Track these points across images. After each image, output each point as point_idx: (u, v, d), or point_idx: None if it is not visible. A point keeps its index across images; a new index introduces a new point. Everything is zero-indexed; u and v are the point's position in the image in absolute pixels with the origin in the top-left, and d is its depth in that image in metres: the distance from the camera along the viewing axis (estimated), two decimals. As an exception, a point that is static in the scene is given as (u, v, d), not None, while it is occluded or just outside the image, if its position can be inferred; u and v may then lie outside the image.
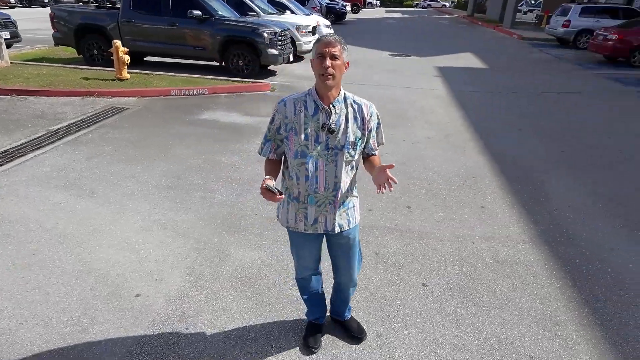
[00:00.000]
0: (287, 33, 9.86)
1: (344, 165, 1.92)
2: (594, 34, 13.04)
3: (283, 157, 2.05)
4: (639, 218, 3.97)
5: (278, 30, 9.15)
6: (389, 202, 4.12)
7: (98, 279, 2.91)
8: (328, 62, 1.75)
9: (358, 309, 2.72)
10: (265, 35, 8.81)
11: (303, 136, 1.88)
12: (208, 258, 3.19)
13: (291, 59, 10.09)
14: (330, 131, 1.86)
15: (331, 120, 1.86)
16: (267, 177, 1.90)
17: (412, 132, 6.16)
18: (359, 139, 1.92)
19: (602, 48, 12.29)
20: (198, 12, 8.78)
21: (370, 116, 1.95)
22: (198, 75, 8.83)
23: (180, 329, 2.53)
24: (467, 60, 12.74)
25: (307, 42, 11.64)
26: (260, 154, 2.06)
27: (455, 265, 3.19)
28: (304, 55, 12.12)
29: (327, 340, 2.50)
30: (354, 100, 1.93)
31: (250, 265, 3.13)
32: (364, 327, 2.54)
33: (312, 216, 2.00)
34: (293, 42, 10.87)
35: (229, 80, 8.59)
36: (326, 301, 2.57)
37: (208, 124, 6.17)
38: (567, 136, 6.22)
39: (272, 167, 2.02)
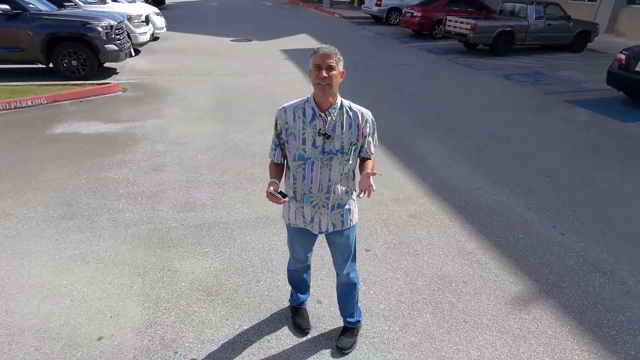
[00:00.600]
0: (123, 25, 9.00)
1: (338, 169, 2.08)
2: (403, 11, 15.31)
3: (285, 160, 2.20)
4: (489, 163, 5.19)
5: (114, 22, 8.29)
6: (304, 185, 4.45)
7: (38, 335, 2.54)
8: (324, 72, 1.91)
9: (325, 286, 3.04)
10: (100, 29, 7.91)
11: (301, 141, 2.06)
12: (157, 279, 3.05)
13: (133, 54, 9.27)
14: (327, 136, 2.02)
15: (327, 126, 2.03)
16: (272, 180, 2.05)
17: (291, 117, 6.53)
18: (353, 145, 2.06)
19: (411, 24, 14.57)
20: (5, 7, 7.33)
21: (365, 123, 2.08)
22: (23, 83, 7.47)
23: (168, 356, 2.46)
24: (306, 41, 13.59)
25: (143, 34, 10.78)
26: (272, 159, 2.19)
27: (383, 228, 3.75)
28: (141, 49, 11.20)
29: (312, 319, 2.76)
30: (349, 108, 2.07)
31: (206, 275, 3.12)
32: (354, 346, 2.54)
33: (309, 215, 2.19)
34: (127, 34, 9.93)
35: (67, 84, 7.50)
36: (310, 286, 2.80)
37: (69, 139, 5.42)
38: (415, 103, 7.44)
39: (277, 170, 2.17)
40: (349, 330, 2.59)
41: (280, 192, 1.96)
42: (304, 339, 2.62)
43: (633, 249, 3.59)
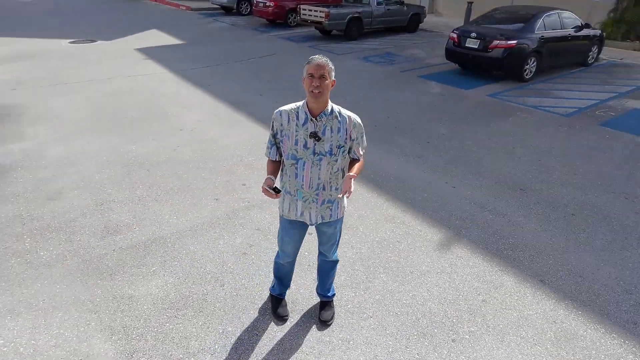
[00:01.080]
0: None
1: (327, 168, 2.30)
2: (254, 1, 15.51)
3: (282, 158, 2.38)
4: (379, 138, 5.91)
5: None
6: (228, 188, 4.52)
7: (1, 404, 2.26)
8: (317, 81, 2.11)
9: (286, 272, 3.27)
10: None
11: (294, 142, 2.26)
12: (114, 310, 2.90)
13: (-47, 68, 7.67)
14: (317, 139, 2.24)
15: (317, 130, 2.24)
16: (269, 177, 2.26)
17: (181, 120, 6.34)
18: (341, 147, 2.28)
19: (265, 13, 14.89)
20: None
21: (354, 127, 2.30)
22: None
23: (164, 376, 2.45)
24: (160, 37, 12.84)
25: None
26: (268, 157, 2.37)
27: (316, 211, 4.10)
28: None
29: (289, 305, 2.99)
30: (339, 113, 2.28)
31: (165, 292, 3.07)
32: (334, 316, 2.88)
33: (300, 209, 2.42)
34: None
35: None
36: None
37: None
38: (297, 91, 7.85)
39: (274, 167, 2.37)
40: (327, 303, 2.91)
41: (274, 188, 2.15)
42: (289, 323, 2.85)
43: (504, 189, 4.63)
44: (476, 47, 8.43)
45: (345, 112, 2.32)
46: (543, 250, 3.66)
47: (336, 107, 2.31)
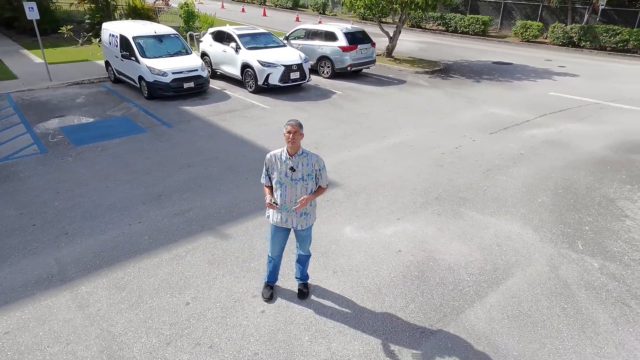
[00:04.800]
0: None
1: (302, 190, 3.70)
2: None
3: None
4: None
5: None
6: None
7: None
8: (291, 136, 3.52)
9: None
10: None
11: (278, 172, 3.70)
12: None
13: None
14: (293, 170, 3.66)
15: (293, 164, 3.65)
16: (269, 196, 3.74)
17: None
18: (310, 175, 3.66)
19: None
20: None
21: (316, 161, 3.66)
22: None
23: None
24: None
25: None
26: (264, 183, 3.83)
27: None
28: None
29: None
30: (307, 153, 3.65)
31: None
32: (310, 292, 4.42)
33: (284, 217, 3.89)
34: None
35: None
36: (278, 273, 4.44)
37: None
38: None
39: (269, 189, 3.82)
40: (303, 284, 4.47)
41: (275, 202, 3.72)
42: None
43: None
44: None
45: (312, 153, 3.76)
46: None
47: (306, 150, 3.73)
